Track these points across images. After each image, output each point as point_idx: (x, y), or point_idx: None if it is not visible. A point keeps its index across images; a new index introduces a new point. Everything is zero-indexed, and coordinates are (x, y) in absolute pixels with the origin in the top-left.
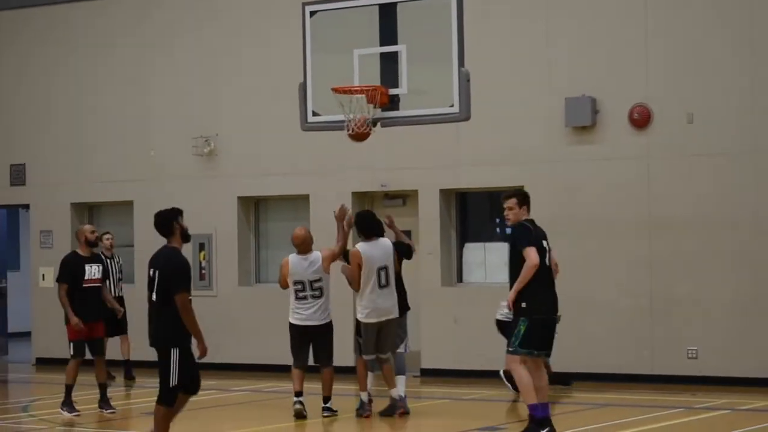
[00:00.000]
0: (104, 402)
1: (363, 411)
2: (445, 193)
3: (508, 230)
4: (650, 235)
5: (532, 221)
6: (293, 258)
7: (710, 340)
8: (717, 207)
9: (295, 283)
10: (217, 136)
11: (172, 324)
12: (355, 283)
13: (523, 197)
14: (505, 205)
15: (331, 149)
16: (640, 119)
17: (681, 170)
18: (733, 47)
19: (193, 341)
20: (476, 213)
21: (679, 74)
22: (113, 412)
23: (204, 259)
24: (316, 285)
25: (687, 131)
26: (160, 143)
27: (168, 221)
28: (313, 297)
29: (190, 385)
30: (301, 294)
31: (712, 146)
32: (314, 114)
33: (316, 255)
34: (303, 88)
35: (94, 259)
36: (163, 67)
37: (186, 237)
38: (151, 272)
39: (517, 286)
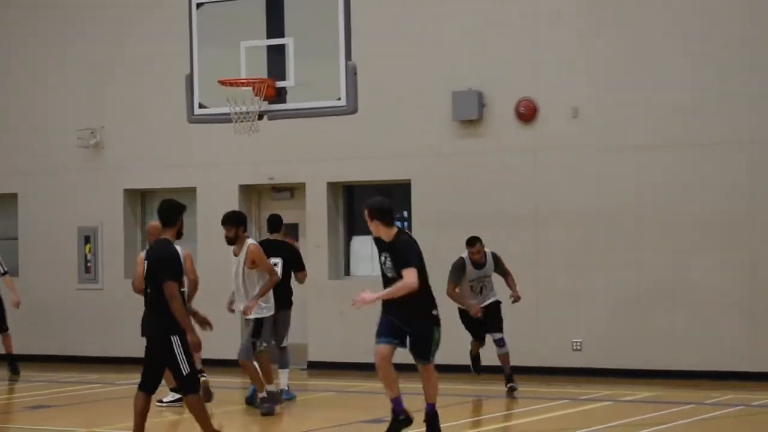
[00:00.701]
0: None
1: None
2: (332, 186)
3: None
4: (536, 229)
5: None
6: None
7: (594, 332)
8: (601, 200)
9: None
10: (103, 128)
11: (168, 313)
12: (274, 273)
13: (375, 211)
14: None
15: (218, 142)
16: (526, 113)
17: (566, 164)
18: (618, 42)
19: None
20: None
21: (564, 69)
22: None
23: (90, 252)
24: None
25: (572, 125)
26: (45, 135)
27: (177, 212)
28: None
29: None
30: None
31: (596, 140)
32: (201, 106)
33: None
34: (189, 80)
35: None
36: (47, 57)
37: (181, 234)
38: (146, 264)
39: (385, 294)
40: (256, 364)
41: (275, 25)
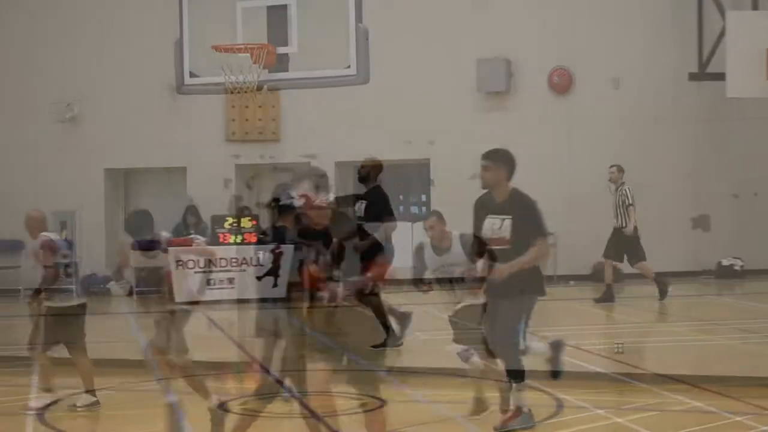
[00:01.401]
0: None
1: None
2: (341, 166)
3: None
4: (571, 212)
5: None
6: (55, 236)
7: (637, 333)
8: (648, 181)
9: (65, 257)
10: (81, 100)
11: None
12: None
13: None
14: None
15: (211, 115)
16: (561, 83)
17: (604, 139)
18: (660, 5)
19: None
20: None
21: (604, 33)
22: None
23: (65, 238)
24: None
25: (612, 97)
26: (15, 108)
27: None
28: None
29: None
30: (69, 270)
31: (639, 113)
32: (192, 75)
33: None
34: (179, 46)
35: None
36: (20, 21)
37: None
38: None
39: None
40: None
41: None
